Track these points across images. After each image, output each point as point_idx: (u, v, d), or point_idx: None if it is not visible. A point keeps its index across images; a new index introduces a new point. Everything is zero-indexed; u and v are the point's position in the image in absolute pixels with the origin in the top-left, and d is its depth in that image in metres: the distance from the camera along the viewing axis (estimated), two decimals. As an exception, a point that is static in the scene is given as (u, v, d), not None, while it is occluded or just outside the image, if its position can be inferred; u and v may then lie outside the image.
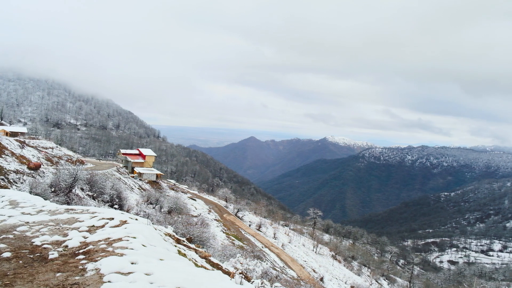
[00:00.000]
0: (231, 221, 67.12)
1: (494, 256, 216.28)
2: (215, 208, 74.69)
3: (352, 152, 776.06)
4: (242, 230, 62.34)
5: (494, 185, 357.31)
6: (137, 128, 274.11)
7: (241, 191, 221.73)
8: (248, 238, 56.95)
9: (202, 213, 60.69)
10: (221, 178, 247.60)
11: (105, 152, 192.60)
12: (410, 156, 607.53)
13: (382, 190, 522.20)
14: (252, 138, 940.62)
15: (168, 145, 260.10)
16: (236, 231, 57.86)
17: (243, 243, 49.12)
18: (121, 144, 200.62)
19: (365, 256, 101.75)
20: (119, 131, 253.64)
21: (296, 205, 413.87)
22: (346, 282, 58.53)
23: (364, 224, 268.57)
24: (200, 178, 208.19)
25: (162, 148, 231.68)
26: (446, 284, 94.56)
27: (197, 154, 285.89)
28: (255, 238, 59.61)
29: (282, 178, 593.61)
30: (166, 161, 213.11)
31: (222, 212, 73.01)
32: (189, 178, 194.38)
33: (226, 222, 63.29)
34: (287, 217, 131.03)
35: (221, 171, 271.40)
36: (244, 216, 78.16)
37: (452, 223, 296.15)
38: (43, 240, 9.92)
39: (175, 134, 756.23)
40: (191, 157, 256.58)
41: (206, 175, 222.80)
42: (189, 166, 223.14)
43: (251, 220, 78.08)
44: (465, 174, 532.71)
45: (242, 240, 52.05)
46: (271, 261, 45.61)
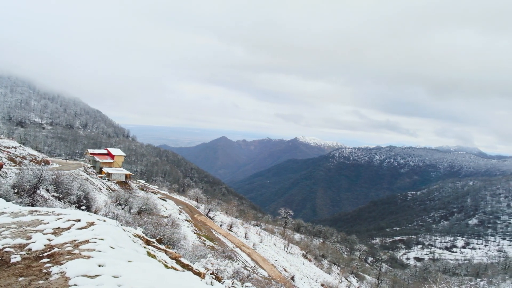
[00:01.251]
0: (202, 221, 66.67)
1: (457, 252, 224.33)
2: (186, 209, 73.99)
3: (322, 152, 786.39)
4: (213, 230, 62.03)
5: (458, 184, 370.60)
6: (106, 127, 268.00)
7: (212, 191, 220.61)
8: (219, 238, 56.72)
9: (173, 213, 59.99)
10: (192, 178, 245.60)
11: (72, 152, 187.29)
12: (379, 156, 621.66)
13: (352, 190, 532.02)
14: (224, 138, 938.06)
15: (138, 144, 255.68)
16: (207, 232, 57.51)
17: (214, 244, 48.88)
18: (88, 143, 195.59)
19: (335, 255, 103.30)
20: (86, 130, 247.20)
21: (267, 204, 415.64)
22: (316, 281, 59.23)
23: (334, 223, 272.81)
24: (171, 178, 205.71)
25: (132, 147, 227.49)
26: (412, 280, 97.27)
27: (167, 154, 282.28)
28: (226, 238, 59.43)
29: (254, 178, 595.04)
30: (135, 161, 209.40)
31: (193, 213, 72.41)
32: (159, 178, 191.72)
33: (197, 222, 62.80)
34: (259, 217, 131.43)
35: (192, 171, 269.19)
36: (215, 216, 77.80)
37: (418, 221, 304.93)
38: (4, 243, 9.51)
39: (145, 134, 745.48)
40: (162, 157, 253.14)
41: (177, 175, 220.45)
42: (159, 166, 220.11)
43: (222, 220, 77.80)
44: (431, 174, 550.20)
45: (213, 240, 51.79)
46: (242, 261, 45.59)
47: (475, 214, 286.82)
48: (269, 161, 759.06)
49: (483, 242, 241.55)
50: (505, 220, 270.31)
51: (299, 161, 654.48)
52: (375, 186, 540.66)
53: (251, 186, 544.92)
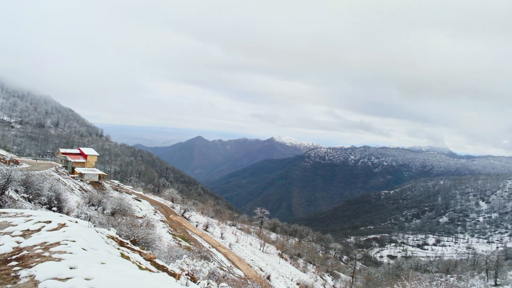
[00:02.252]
0: (178, 221, 66.08)
1: (429, 249, 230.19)
2: (161, 209, 73.18)
3: (298, 152, 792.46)
4: (189, 230, 61.58)
5: (429, 183, 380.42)
6: (78, 126, 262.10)
7: (188, 191, 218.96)
8: (195, 238, 56.35)
9: (148, 214, 59.22)
10: (168, 178, 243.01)
11: (43, 151, 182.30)
12: (353, 156, 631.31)
13: (327, 189, 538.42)
14: (199, 137, 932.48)
15: (112, 144, 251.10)
16: (182, 232, 57.04)
17: (190, 244, 48.53)
18: (60, 143, 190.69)
19: (310, 254, 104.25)
20: (58, 130, 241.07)
21: (244, 204, 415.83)
22: (292, 280, 59.62)
23: (310, 222, 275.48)
24: (146, 178, 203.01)
25: (105, 147, 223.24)
26: (386, 278, 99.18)
27: (142, 153, 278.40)
28: (202, 238, 59.09)
29: (230, 178, 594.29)
30: (109, 161, 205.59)
31: (168, 213, 71.68)
32: (134, 179, 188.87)
33: (173, 223, 62.20)
34: (235, 216, 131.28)
35: (168, 171, 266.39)
36: (191, 216, 77.26)
37: (392, 219, 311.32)
38: (-30, 246, 9.16)
39: (120, 133, 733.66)
40: (136, 157, 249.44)
41: (152, 175, 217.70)
42: (134, 166, 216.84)
43: (198, 220, 77.34)
44: (403, 173, 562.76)
45: (189, 240, 51.40)
46: (218, 261, 45.43)
47: (445, 213, 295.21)
48: (245, 161, 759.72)
49: (453, 239, 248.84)
50: (473, 218, 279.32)
51: (275, 161, 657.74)
52: (349, 185, 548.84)
53: (227, 186, 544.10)
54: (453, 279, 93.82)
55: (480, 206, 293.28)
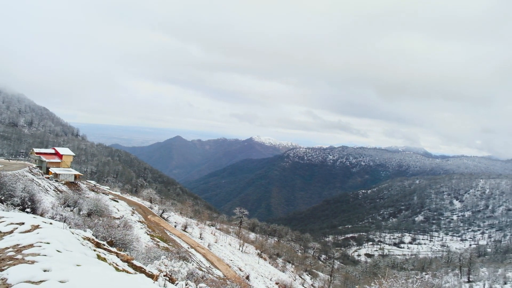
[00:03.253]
0: (156, 222, 65.38)
1: (405, 248, 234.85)
2: (139, 209, 72.25)
3: (277, 152, 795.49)
4: (168, 231, 61.02)
5: (405, 182, 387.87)
6: (53, 125, 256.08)
7: (166, 191, 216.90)
8: (173, 239, 55.89)
9: (125, 214, 58.37)
10: (146, 179, 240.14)
11: (16, 151, 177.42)
12: (332, 156, 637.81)
13: (306, 189, 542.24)
14: (178, 137, 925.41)
15: (88, 144, 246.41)
16: (161, 233, 56.47)
17: (168, 245, 48.09)
18: (34, 142, 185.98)
19: (289, 253, 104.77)
20: (32, 129, 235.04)
21: (223, 204, 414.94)
22: (271, 279, 59.80)
23: (289, 222, 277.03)
24: (123, 178, 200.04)
25: (82, 147, 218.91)
26: (363, 276, 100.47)
27: (119, 153, 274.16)
28: (181, 239, 58.65)
29: (209, 178, 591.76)
30: (85, 161, 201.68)
31: (146, 214, 70.83)
32: (111, 179, 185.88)
33: (151, 223, 61.50)
34: (214, 217, 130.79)
35: (146, 171, 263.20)
36: (169, 217, 76.56)
37: (369, 218, 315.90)
38: None
39: (96, 133, 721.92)
40: (113, 157, 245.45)
41: (130, 176, 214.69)
42: (111, 166, 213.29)
43: (177, 220, 76.72)
44: (381, 173, 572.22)
45: (167, 241, 50.93)
46: (197, 262, 45.18)
47: (421, 211, 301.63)
48: (224, 160, 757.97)
49: (428, 237, 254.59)
50: (448, 217, 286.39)
51: (254, 160, 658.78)
52: (328, 185, 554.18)
53: (206, 186, 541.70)
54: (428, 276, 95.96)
55: (454, 205, 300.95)
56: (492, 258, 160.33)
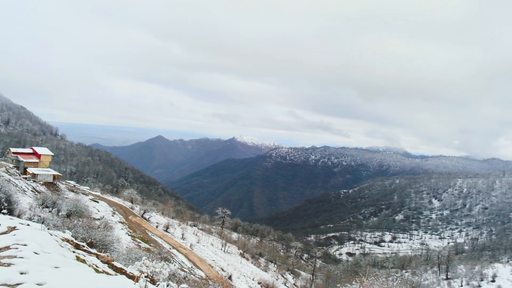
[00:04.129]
0: (137, 223, 64.67)
1: (385, 246, 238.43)
2: (120, 210, 71.31)
3: (260, 152, 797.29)
4: (149, 231, 60.42)
5: (386, 182, 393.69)
6: (31, 124, 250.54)
7: (148, 191, 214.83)
8: (155, 240, 55.36)
9: (106, 215, 57.51)
10: (127, 179, 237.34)
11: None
12: (314, 156, 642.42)
13: (288, 189, 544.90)
14: (160, 137, 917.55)
15: (68, 143, 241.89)
16: (142, 233, 55.88)
17: (149, 245, 47.61)
18: (11, 142, 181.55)
19: (271, 253, 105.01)
20: (9, 128, 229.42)
21: (205, 204, 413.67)
22: (253, 279, 59.84)
23: (271, 222, 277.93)
24: (104, 178, 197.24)
25: (61, 147, 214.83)
26: (345, 275, 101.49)
27: (100, 153, 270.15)
28: (162, 239, 58.15)
29: (191, 178, 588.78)
30: (65, 161, 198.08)
31: (127, 214, 69.97)
32: (91, 179, 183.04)
33: (132, 224, 60.79)
34: (196, 217, 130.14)
35: (127, 171, 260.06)
36: (151, 217, 75.82)
37: (350, 218, 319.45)
38: None
39: (76, 132, 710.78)
40: (94, 157, 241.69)
41: (110, 176, 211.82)
42: (91, 166, 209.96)
43: (159, 221, 76.04)
44: (362, 173, 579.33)
45: (148, 242, 50.42)
46: (179, 262, 44.87)
47: (401, 210, 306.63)
48: (206, 160, 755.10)
49: (408, 236, 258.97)
50: (427, 215, 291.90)
51: (237, 160, 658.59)
52: (310, 185, 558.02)
53: (188, 186, 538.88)
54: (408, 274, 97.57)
55: (433, 203, 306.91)
56: (469, 255, 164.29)
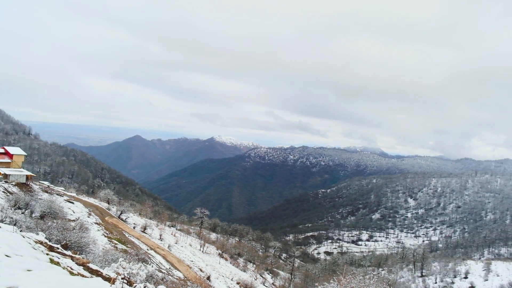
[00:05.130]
0: (114, 224, 63.62)
1: (363, 245, 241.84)
2: (96, 211, 70.01)
3: (238, 152, 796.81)
4: (126, 233, 59.53)
5: (363, 182, 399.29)
6: (3, 123, 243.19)
7: (125, 192, 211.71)
8: (132, 241, 54.60)
9: (81, 216, 56.34)
10: (103, 179, 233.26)
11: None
12: (292, 156, 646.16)
13: (267, 188, 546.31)
14: (137, 137, 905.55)
15: (42, 143, 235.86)
16: (119, 234, 55.01)
17: (126, 247, 46.89)
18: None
19: (250, 253, 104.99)
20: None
21: (183, 205, 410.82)
22: (232, 279, 59.72)
23: (250, 222, 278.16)
24: (79, 179, 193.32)
25: (34, 146, 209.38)
26: (323, 274, 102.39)
27: (75, 153, 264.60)
28: (140, 240, 57.39)
29: (169, 178, 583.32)
30: (38, 161, 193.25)
31: (103, 215, 68.74)
32: (66, 179, 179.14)
33: (108, 225, 59.75)
34: (174, 217, 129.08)
35: (103, 171, 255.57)
36: (128, 218, 74.72)
37: (328, 217, 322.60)
38: None
39: (50, 132, 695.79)
40: (69, 157, 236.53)
41: (86, 176, 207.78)
42: (66, 166, 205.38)
43: (136, 222, 75.03)
44: (340, 173, 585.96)
45: (125, 243, 49.67)
46: (157, 263, 44.38)
47: (377, 209, 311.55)
48: (185, 160, 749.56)
49: (385, 234, 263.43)
50: (402, 214, 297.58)
51: (216, 160, 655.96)
52: (289, 184, 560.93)
53: (166, 186, 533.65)
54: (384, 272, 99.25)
55: (409, 203, 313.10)
56: (443, 253, 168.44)
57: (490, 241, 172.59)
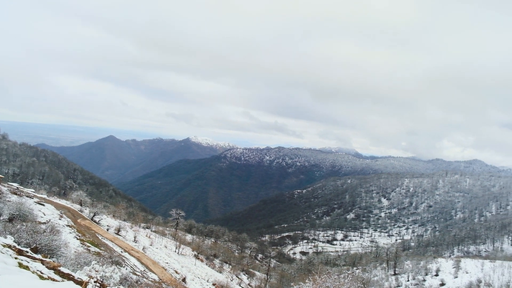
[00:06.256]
0: (87, 226, 62.20)
1: (338, 244, 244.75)
2: (68, 213, 68.27)
3: (214, 152, 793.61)
4: (99, 235, 58.31)
5: (338, 182, 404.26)
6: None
7: (98, 193, 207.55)
8: (106, 243, 53.52)
9: (52, 219, 54.83)
10: (76, 180, 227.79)
11: None
12: (268, 157, 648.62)
13: (243, 189, 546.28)
14: (111, 137, 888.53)
15: (10, 143, 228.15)
16: (92, 237, 53.81)
17: (100, 249, 45.92)
18: None
19: (226, 253, 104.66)
20: None
21: (159, 206, 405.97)
22: (208, 280, 59.39)
23: (226, 222, 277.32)
24: (50, 180, 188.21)
25: (2, 147, 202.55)
26: (298, 273, 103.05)
27: (46, 153, 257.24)
28: (113, 243, 56.33)
29: (144, 179, 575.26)
30: (7, 162, 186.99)
31: (76, 217, 67.12)
32: (36, 181, 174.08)
33: (81, 227, 58.37)
34: (149, 219, 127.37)
35: (76, 173, 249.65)
36: (101, 220, 73.21)
37: (304, 217, 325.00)
38: None
39: (20, 131, 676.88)
40: (39, 157, 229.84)
41: (58, 177, 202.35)
42: (36, 167, 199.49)
43: (110, 224, 73.61)
44: (315, 173, 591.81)
45: (99, 246, 48.64)
46: (131, 266, 43.65)
47: (352, 209, 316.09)
48: (160, 161, 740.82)
49: (359, 234, 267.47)
50: (376, 214, 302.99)
51: (191, 161, 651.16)
52: (265, 185, 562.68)
53: (141, 187, 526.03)
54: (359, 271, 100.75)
55: (382, 202, 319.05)
56: (415, 251, 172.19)
57: (459, 240, 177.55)
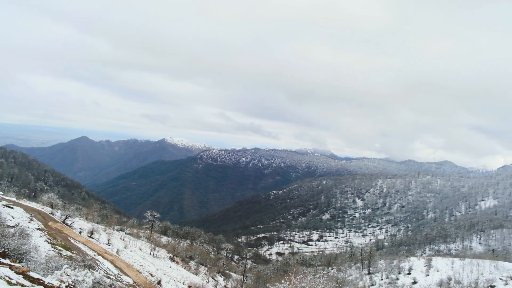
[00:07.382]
0: (58, 229, 60.52)
1: (313, 245, 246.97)
2: (38, 216, 66.25)
3: (190, 153, 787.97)
4: (72, 238, 56.83)
5: (314, 183, 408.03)
6: None
7: (70, 195, 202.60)
8: (78, 246, 52.20)
9: (22, 222, 53.07)
10: (46, 182, 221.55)
11: None
12: (244, 158, 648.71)
13: (219, 190, 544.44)
14: (84, 137, 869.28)
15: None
16: (64, 240, 52.39)
17: (72, 253, 44.74)
18: None
19: (202, 255, 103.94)
20: None
21: (133, 208, 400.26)
22: (183, 283, 58.81)
23: (202, 224, 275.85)
24: (20, 182, 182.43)
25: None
26: (274, 274, 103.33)
27: (15, 154, 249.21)
28: (86, 246, 55.00)
29: (118, 181, 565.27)
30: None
31: (47, 220, 65.21)
32: (4, 183, 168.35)
33: (52, 230, 56.74)
34: (123, 221, 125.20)
35: (47, 174, 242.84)
36: (73, 223, 71.40)
37: (280, 218, 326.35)
38: None
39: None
40: (8, 159, 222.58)
41: (27, 179, 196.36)
42: (4, 169, 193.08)
43: (82, 226, 71.88)
44: (291, 174, 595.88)
45: (71, 249, 47.39)
46: (104, 269, 42.70)
47: (327, 210, 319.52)
48: (134, 162, 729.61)
49: (334, 234, 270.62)
50: (351, 214, 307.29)
51: (167, 162, 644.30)
52: (241, 186, 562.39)
53: (115, 189, 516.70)
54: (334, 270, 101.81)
55: (357, 203, 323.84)
56: (388, 250, 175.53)
57: (431, 239, 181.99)
